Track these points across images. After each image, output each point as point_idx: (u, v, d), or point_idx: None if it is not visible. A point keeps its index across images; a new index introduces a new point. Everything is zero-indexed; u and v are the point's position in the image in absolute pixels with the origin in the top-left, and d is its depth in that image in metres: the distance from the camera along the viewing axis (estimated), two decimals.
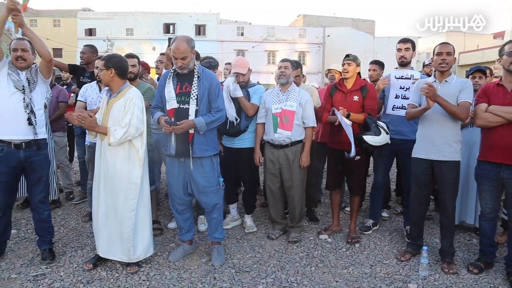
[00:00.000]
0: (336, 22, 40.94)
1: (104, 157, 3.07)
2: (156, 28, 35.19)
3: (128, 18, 36.10)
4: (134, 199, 3.07)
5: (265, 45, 36.21)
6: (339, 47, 31.77)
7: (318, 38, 36.41)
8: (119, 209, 3.06)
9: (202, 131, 3.10)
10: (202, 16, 36.87)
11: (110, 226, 3.10)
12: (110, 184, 3.06)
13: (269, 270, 3.21)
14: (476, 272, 3.17)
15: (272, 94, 3.78)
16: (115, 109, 3.03)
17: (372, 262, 3.39)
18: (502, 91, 3.03)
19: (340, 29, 37.07)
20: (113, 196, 3.06)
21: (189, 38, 3.09)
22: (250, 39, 36.31)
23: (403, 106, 3.82)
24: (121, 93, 3.07)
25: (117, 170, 3.03)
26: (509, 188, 3.02)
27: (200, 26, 36.42)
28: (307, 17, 43.08)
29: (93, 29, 35.74)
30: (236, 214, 4.22)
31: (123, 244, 3.10)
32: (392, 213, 4.67)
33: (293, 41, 36.76)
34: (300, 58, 35.26)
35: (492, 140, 3.05)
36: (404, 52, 3.93)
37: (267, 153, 3.80)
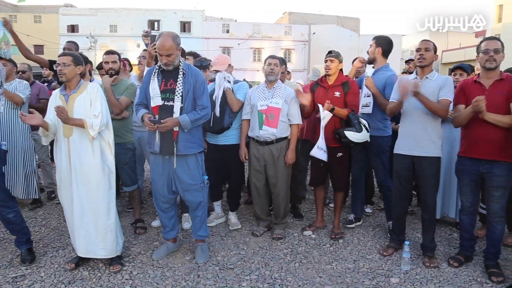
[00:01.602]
0: (322, 20, 41.12)
1: (75, 153, 3.00)
2: (141, 24, 34.63)
3: (112, 14, 35.60)
4: (113, 188, 3.11)
5: (251, 42, 36.16)
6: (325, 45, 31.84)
7: (304, 36, 36.53)
8: (100, 203, 3.04)
9: (186, 129, 3.08)
10: (187, 12, 36.59)
11: (88, 223, 3.04)
12: (86, 179, 3.01)
13: (253, 267, 3.22)
14: (456, 265, 3.23)
15: (258, 90, 3.78)
16: (78, 104, 3.00)
17: (356, 257, 3.42)
18: (479, 88, 3.08)
19: (325, 27, 37.25)
20: (90, 192, 3.02)
21: (175, 35, 3.07)
22: (235, 36, 36.21)
23: (366, 104, 3.89)
24: (81, 88, 3.06)
25: (91, 164, 3.01)
26: (488, 183, 3.08)
27: (185, 23, 36.16)
28: (293, 14, 43.16)
29: (75, 26, 35.16)
30: (220, 211, 4.21)
31: (107, 238, 3.08)
32: (375, 209, 4.72)
33: (278, 38, 36.80)
34: (285, 55, 35.31)
35: (472, 136, 3.11)
36: (368, 48, 3.98)
37: (252, 150, 3.80)
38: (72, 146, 3.00)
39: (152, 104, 3.11)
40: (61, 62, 2.98)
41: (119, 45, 31.67)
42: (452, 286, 2.95)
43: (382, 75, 3.77)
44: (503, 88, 2.99)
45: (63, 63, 2.98)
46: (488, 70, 3.06)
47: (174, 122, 3.01)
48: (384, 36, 4.00)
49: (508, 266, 3.22)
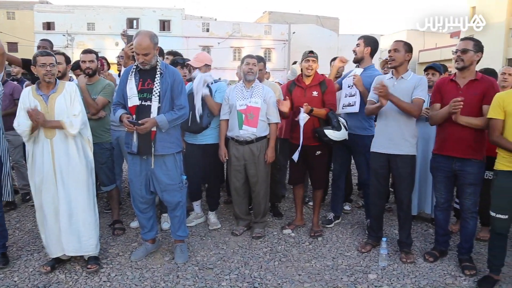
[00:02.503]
0: (301, 19, 41.38)
1: (59, 154, 2.97)
2: (119, 23, 34.13)
3: (89, 12, 34.94)
4: (94, 185, 3.17)
5: (231, 41, 36.11)
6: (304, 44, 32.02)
7: (284, 35, 36.68)
8: (87, 200, 3.07)
9: (164, 129, 3.05)
10: (167, 11, 36.25)
11: (77, 222, 3.03)
12: (74, 179, 3.01)
13: (232, 266, 3.22)
14: (431, 260, 3.31)
15: (236, 90, 3.77)
16: (59, 104, 2.98)
17: (334, 254, 3.46)
18: (455, 87, 3.16)
19: (305, 26, 37.52)
20: (78, 190, 3.03)
21: (152, 34, 3.04)
22: (215, 35, 36.09)
23: (349, 103, 3.92)
24: (59, 87, 3.04)
25: (77, 163, 3.02)
26: (460, 180, 3.16)
27: (165, 21, 35.82)
28: (273, 13, 43.28)
29: (51, 23, 34.32)
30: (200, 211, 4.19)
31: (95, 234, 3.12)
32: (354, 206, 4.79)
33: (259, 37, 36.88)
34: (265, 55, 35.42)
35: (445, 135, 3.19)
36: (355, 47, 4.01)
37: (232, 150, 3.79)
38: (56, 147, 2.97)
39: (129, 104, 3.08)
40: (48, 63, 2.94)
41: (96, 43, 31.13)
42: (428, 281, 3.02)
43: (370, 75, 3.80)
44: (477, 88, 3.07)
45: (51, 63, 2.95)
46: (459, 70, 3.14)
47: (152, 123, 2.99)
48: (371, 36, 4.06)
49: (481, 260, 3.31)
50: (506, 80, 3.94)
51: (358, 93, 3.82)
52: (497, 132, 2.83)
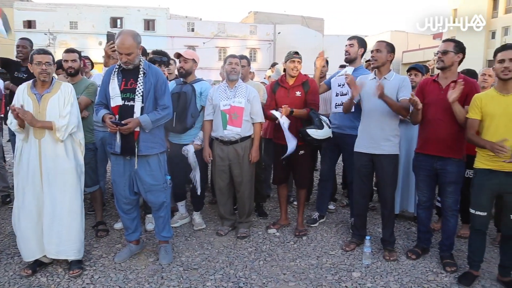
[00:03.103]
0: (287, 20, 41.53)
1: (46, 155, 2.93)
2: (103, 22, 33.71)
3: (72, 10, 34.33)
4: (81, 190, 3.11)
5: (216, 41, 36.00)
6: (290, 44, 32.18)
7: (269, 35, 36.77)
8: (73, 204, 3.01)
9: (147, 129, 3.03)
10: (151, 10, 35.92)
11: (60, 225, 2.97)
12: (61, 181, 2.96)
13: (217, 266, 3.22)
14: (414, 258, 3.37)
15: (219, 90, 3.76)
16: (53, 104, 2.93)
17: (319, 253, 3.49)
18: (437, 87, 3.22)
19: (290, 27, 37.67)
20: (64, 193, 2.97)
21: (135, 33, 3.02)
22: (201, 35, 35.93)
23: (342, 102, 3.94)
24: (55, 88, 2.99)
25: (66, 166, 2.98)
26: (442, 178, 3.23)
27: (149, 21, 35.48)
28: (258, 14, 43.32)
29: (32, 21, 33.60)
30: (184, 211, 4.17)
31: (79, 238, 3.05)
32: (338, 206, 4.83)
33: (244, 37, 36.86)
34: (251, 55, 35.41)
35: (427, 134, 3.26)
36: (348, 48, 4.04)
37: (216, 150, 3.78)
38: (44, 147, 2.92)
39: (112, 104, 3.05)
40: (44, 61, 2.89)
41: (79, 42, 30.65)
42: (410, 278, 3.07)
43: (360, 75, 3.85)
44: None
45: (47, 62, 2.91)
46: (440, 70, 3.21)
47: (135, 123, 2.97)
48: (362, 38, 4.11)
49: (461, 256, 3.38)
50: (486, 80, 4.03)
51: (351, 92, 3.85)
52: (472, 130, 2.92)
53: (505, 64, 2.77)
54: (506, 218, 2.88)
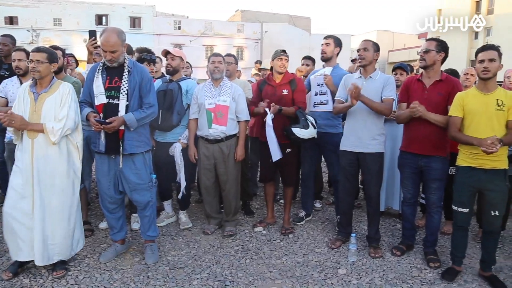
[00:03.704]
0: (274, 18, 41.52)
1: (38, 156, 2.85)
2: (87, 19, 33.18)
3: (56, 7, 33.71)
4: (77, 193, 3.02)
5: (203, 39, 35.78)
6: (277, 43, 32.26)
7: (256, 34, 36.74)
8: (62, 208, 2.93)
9: (132, 128, 3.01)
10: (137, 8, 35.49)
11: (46, 228, 2.90)
12: (49, 183, 2.88)
13: (204, 265, 3.21)
14: (399, 254, 3.42)
15: (204, 89, 3.74)
16: (49, 104, 2.87)
17: (305, 251, 3.51)
18: (421, 87, 3.27)
19: (277, 25, 37.68)
20: (53, 196, 2.89)
21: (120, 31, 2.99)
22: (187, 33, 35.66)
23: (321, 102, 4.00)
24: (53, 87, 2.92)
25: (57, 168, 2.90)
26: (426, 176, 3.28)
27: (135, 18, 35.06)
28: (245, 12, 43.21)
29: (14, 18, 32.83)
30: (170, 210, 4.15)
31: (64, 243, 2.96)
32: (324, 203, 4.87)
33: (231, 36, 36.73)
34: (238, 53, 35.33)
35: (411, 133, 3.30)
36: (325, 47, 4.07)
37: (202, 149, 3.77)
38: (37, 148, 2.85)
39: (96, 102, 3.01)
40: (34, 59, 2.83)
41: (63, 39, 30.14)
42: (395, 274, 3.11)
43: (338, 74, 3.90)
44: (441, 89, 3.19)
45: (37, 60, 2.83)
46: (423, 69, 3.25)
47: (120, 122, 2.94)
48: (337, 36, 4.13)
49: (444, 252, 3.44)
50: (468, 80, 4.11)
51: (330, 92, 3.88)
52: (454, 128, 2.97)
53: (485, 64, 2.84)
54: (487, 214, 2.95)
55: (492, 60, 2.84)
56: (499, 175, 2.86)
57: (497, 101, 2.83)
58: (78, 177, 3.05)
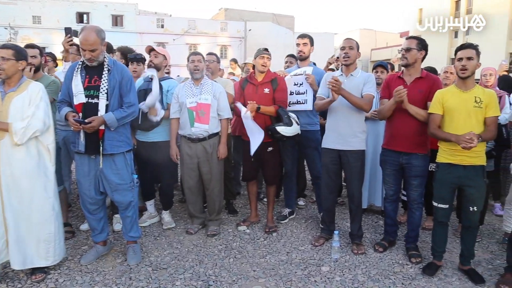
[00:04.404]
0: (257, 17, 41.54)
1: (5, 158, 2.76)
2: (68, 16, 32.52)
3: (35, 4, 32.92)
4: (51, 197, 2.91)
5: (186, 38, 35.56)
6: (260, 42, 32.25)
7: (240, 32, 36.69)
8: (34, 212, 2.83)
9: (113, 128, 2.97)
10: (119, 6, 35.00)
11: (20, 233, 2.81)
12: (17, 186, 2.78)
13: (187, 265, 3.19)
14: (381, 250, 3.45)
15: (185, 88, 3.71)
16: (16, 104, 2.78)
17: (289, 249, 3.51)
18: (402, 84, 3.30)
19: (261, 24, 37.72)
20: (22, 200, 2.79)
21: (99, 29, 2.94)
22: (170, 31, 35.38)
23: (298, 101, 4.00)
24: (22, 87, 2.84)
25: (24, 170, 2.79)
26: (407, 173, 3.32)
27: (117, 16, 34.59)
28: (229, 10, 43.09)
29: None
30: (153, 211, 4.11)
31: (40, 248, 2.87)
32: (308, 201, 4.89)
33: (214, 34, 36.60)
34: (221, 52, 35.27)
35: (392, 131, 3.34)
36: (302, 47, 4.08)
37: (185, 148, 3.74)
38: (3, 150, 2.76)
39: (75, 102, 2.96)
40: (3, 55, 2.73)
41: (43, 38, 29.57)
42: (377, 270, 3.14)
43: (318, 73, 3.93)
44: (421, 86, 3.23)
45: (2, 57, 2.74)
46: (404, 67, 3.29)
47: (100, 121, 2.90)
48: (311, 36, 4.14)
49: (425, 248, 3.49)
50: (448, 78, 4.17)
51: (310, 91, 3.89)
52: (434, 125, 3.02)
53: (463, 62, 2.89)
54: (466, 209, 3.00)
55: (470, 58, 2.89)
56: (477, 171, 2.91)
57: (475, 99, 2.88)
58: (50, 180, 2.93)
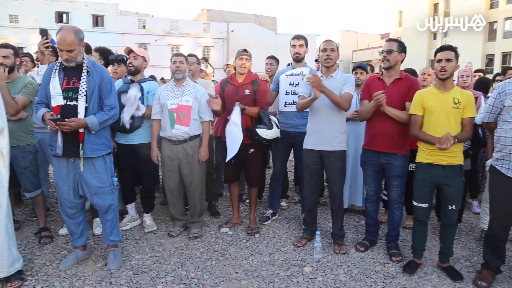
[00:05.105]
0: (240, 18, 41.56)
1: None
2: (47, 16, 31.84)
3: (12, 2, 32.08)
4: (3, 206, 2.74)
5: (168, 38, 35.27)
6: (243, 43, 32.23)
7: (222, 33, 36.60)
8: None
9: (94, 131, 2.91)
10: (100, 5, 34.47)
11: None
12: None
13: (169, 268, 3.15)
14: (362, 250, 3.49)
15: (167, 89, 3.69)
16: None
17: (271, 250, 3.52)
18: (381, 85, 3.36)
19: (243, 25, 37.73)
20: None
21: (77, 29, 2.88)
22: (152, 32, 35.03)
23: (293, 101, 4.00)
24: None
25: None
26: (387, 173, 3.37)
27: (98, 16, 34.07)
28: (211, 11, 42.98)
29: None
30: (134, 214, 4.05)
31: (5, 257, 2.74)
32: (290, 202, 4.90)
33: (197, 35, 36.42)
34: (204, 53, 35.12)
35: (373, 131, 3.38)
36: (299, 48, 4.10)
37: (165, 150, 3.70)
38: None
39: (52, 104, 2.88)
40: None
41: (21, 37, 28.90)
42: (359, 269, 3.17)
43: None
44: (400, 86, 3.29)
45: None
46: (386, 69, 3.34)
47: (80, 123, 2.83)
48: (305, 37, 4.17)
49: (406, 246, 3.54)
50: (425, 79, 4.25)
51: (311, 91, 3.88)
52: (416, 126, 3.07)
53: (442, 64, 2.94)
54: (445, 208, 3.06)
55: (449, 60, 2.95)
56: (456, 170, 2.98)
57: (453, 99, 2.94)
58: (3, 186, 2.73)
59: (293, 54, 4.14)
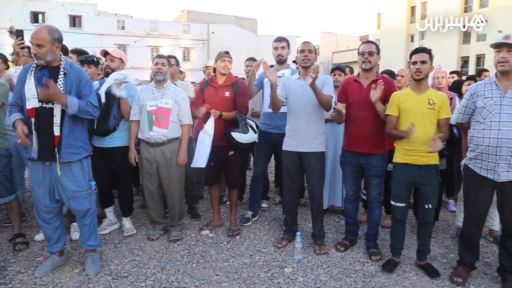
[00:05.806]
0: (220, 19, 41.47)
1: None
2: (22, 16, 30.99)
3: None
4: None
5: (148, 40, 34.88)
6: (223, 44, 32.17)
7: (203, 35, 36.43)
8: None
9: (70, 112, 2.79)
10: (77, 6, 33.78)
11: None
12: None
13: (149, 272, 3.11)
14: (342, 249, 3.53)
15: (147, 90, 3.65)
16: None
17: (252, 252, 3.52)
18: (358, 87, 3.40)
19: (224, 26, 37.65)
20: None
21: (53, 28, 2.80)
22: (132, 33, 34.56)
23: None
24: None
25: None
26: (367, 173, 3.42)
27: (75, 17, 33.38)
28: (191, 13, 42.76)
29: None
30: (113, 217, 3.99)
31: None
32: (271, 203, 4.92)
33: (177, 36, 36.14)
34: (184, 54, 34.89)
35: (351, 132, 3.43)
36: (281, 50, 4.12)
37: (143, 152, 3.66)
38: None
39: (27, 106, 2.80)
40: None
41: None
42: (339, 269, 3.20)
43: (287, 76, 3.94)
44: None
45: None
46: (365, 71, 3.38)
47: (57, 93, 2.69)
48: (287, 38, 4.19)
49: (385, 245, 3.59)
50: (399, 81, 4.34)
51: None
52: (390, 125, 3.14)
53: (417, 66, 3.01)
54: (422, 207, 3.13)
55: (424, 62, 3.02)
56: (431, 170, 3.04)
57: (428, 101, 3.01)
58: None
59: (275, 56, 4.15)
